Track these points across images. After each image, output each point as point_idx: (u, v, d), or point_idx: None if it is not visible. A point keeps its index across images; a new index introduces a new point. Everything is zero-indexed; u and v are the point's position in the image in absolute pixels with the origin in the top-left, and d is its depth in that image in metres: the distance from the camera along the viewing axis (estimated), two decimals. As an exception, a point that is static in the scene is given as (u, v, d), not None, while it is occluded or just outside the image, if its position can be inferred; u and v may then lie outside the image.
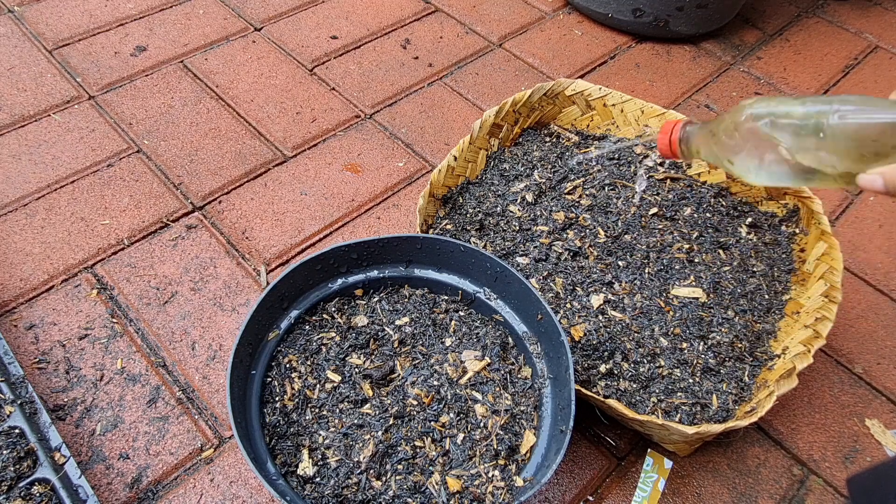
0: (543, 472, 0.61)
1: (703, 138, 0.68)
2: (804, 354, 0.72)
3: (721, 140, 0.64)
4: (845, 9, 1.46)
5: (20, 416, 0.70)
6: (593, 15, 1.35)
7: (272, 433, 0.67)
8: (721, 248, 0.89)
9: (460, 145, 0.91)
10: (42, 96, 1.12)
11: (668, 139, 0.72)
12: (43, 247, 0.92)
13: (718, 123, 0.65)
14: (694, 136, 0.70)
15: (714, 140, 0.65)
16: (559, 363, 0.69)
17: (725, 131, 0.63)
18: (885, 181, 0.50)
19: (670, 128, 0.72)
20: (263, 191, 1.02)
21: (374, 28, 1.31)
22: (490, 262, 0.75)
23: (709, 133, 0.67)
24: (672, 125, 0.72)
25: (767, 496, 0.75)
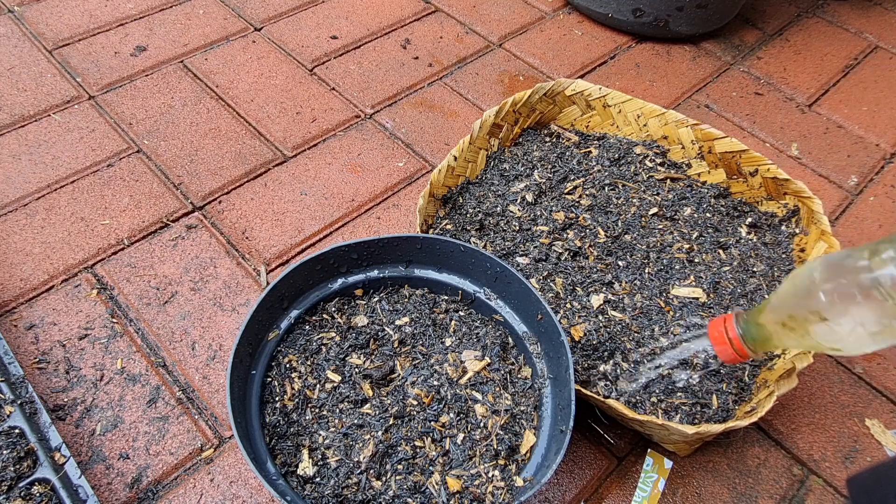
0: (543, 472, 0.61)
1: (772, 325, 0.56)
2: (804, 354, 0.72)
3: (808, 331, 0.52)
4: (845, 9, 1.46)
5: (20, 416, 0.70)
6: (593, 15, 1.35)
7: (272, 433, 0.67)
8: (721, 248, 0.89)
9: (460, 145, 0.91)
10: (42, 96, 1.12)
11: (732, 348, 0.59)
12: (43, 247, 0.92)
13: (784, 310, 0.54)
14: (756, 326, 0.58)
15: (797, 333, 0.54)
16: (559, 363, 0.69)
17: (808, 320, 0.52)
18: None
19: (724, 333, 0.60)
20: (263, 191, 1.02)
21: (374, 28, 1.31)
22: (490, 262, 0.75)
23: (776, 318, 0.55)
24: (720, 325, 0.60)
25: (767, 496, 0.75)
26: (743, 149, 0.92)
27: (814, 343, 0.53)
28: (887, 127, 1.20)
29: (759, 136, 1.17)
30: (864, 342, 0.50)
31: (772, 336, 0.57)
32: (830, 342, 0.52)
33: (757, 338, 0.59)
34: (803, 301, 0.52)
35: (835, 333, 0.51)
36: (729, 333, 0.60)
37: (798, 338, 0.54)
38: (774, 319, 0.56)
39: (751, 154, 0.92)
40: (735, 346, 0.59)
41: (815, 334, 0.52)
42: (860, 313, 0.49)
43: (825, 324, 0.51)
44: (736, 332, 0.60)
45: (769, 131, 1.18)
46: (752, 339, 0.59)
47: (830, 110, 1.22)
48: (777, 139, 1.16)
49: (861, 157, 1.14)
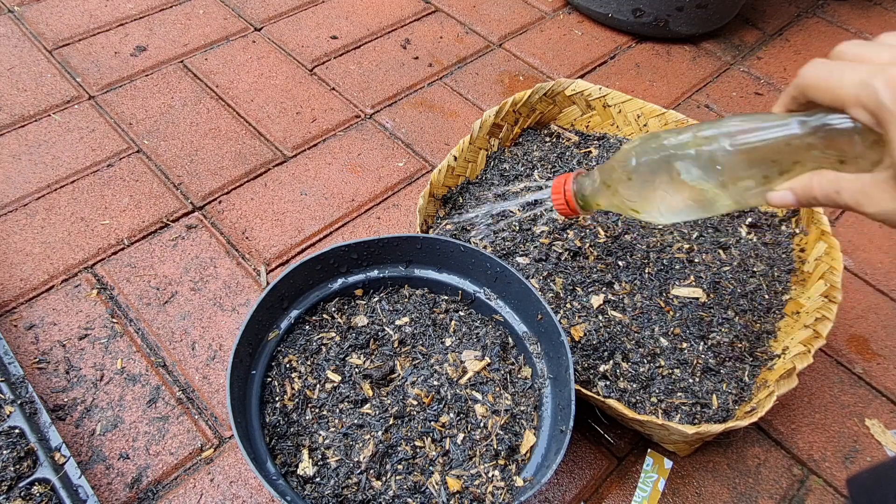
0: (543, 472, 0.61)
1: (599, 189, 0.63)
2: (804, 354, 0.72)
3: (617, 189, 0.60)
4: (845, 9, 1.46)
5: (20, 416, 0.70)
6: (593, 15, 1.35)
7: (272, 433, 0.67)
8: (721, 248, 0.89)
9: (460, 145, 0.91)
10: (42, 96, 1.12)
11: (564, 198, 0.67)
12: (43, 247, 0.92)
13: (609, 172, 0.60)
14: (588, 189, 0.65)
15: (610, 190, 0.61)
16: (559, 363, 0.69)
17: (619, 180, 0.59)
18: (795, 196, 0.49)
19: (562, 185, 0.67)
20: (263, 191, 1.02)
21: (374, 28, 1.31)
22: (490, 262, 0.75)
23: (602, 184, 0.63)
24: (563, 181, 0.67)
25: (767, 496, 0.75)
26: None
27: (619, 201, 0.60)
28: (887, 127, 1.19)
29: (759, 136, 1.17)
30: (659, 216, 0.57)
31: (595, 194, 0.64)
32: (631, 203, 0.59)
33: (586, 195, 0.66)
34: (621, 161, 0.58)
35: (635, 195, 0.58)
36: (566, 187, 0.67)
37: (610, 195, 0.61)
38: (600, 178, 0.63)
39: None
40: (567, 199, 0.67)
41: (622, 193, 0.59)
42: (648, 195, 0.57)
43: (630, 183, 0.58)
44: (571, 188, 0.67)
45: (769, 131, 1.18)
46: (581, 196, 0.66)
47: (830, 110, 1.22)
48: (777, 139, 1.16)
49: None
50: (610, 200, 0.62)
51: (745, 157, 0.49)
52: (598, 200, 0.64)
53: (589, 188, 0.65)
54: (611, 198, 0.62)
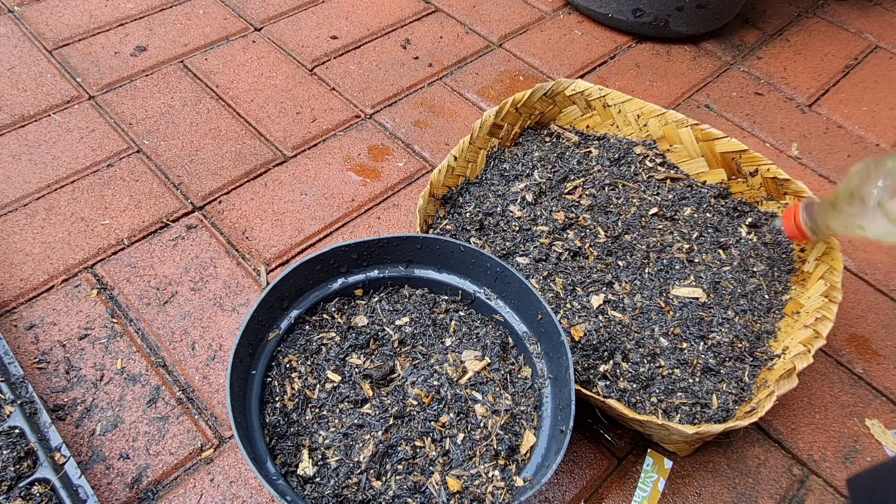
0: (543, 472, 0.61)
1: (825, 212, 0.70)
2: (804, 354, 0.72)
3: (843, 209, 0.66)
4: (845, 9, 1.46)
5: (20, 416, 0.70)
6: (593, 15, 1.35)
7: (272, 433, 0.67)
8: (721, 248, 0.89)
9: (460, 145, 0.91)
10: (42, 96, 1.12)
11: (794, 223, 0.76)
12: (43, 247, 0.92)
13: (836, 195, 0.67)
14: (816, 214, 0.72)
15: (836, 211, 0.67)
16: (559, 363, 0.69)
17: (845, 200, 0.65)
18: None
19: (792, 213, 0.76)
20: (263, 191, 1.02)
21: (374, 28, 1.31)
22: (490, 262, 0.75)
23: (829, 206, 0.69)
24: (793, 210, 0.76)
25: (767, 496, 0.75)
26: (743, 149, 0.92)
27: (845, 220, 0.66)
28: (887, 127, 1.20)
29: (759, 136, 1.17)
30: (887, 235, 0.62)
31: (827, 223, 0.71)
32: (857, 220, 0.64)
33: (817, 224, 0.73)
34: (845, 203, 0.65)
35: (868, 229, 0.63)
36: (797, 220, 0.75)
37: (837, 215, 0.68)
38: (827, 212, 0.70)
39: (751, 154, 0.92)
40: (797, 224, 0.76)
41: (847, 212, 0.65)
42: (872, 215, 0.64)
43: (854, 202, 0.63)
44: (802, 218, 0.74)
45: (769, 131, 1.18)
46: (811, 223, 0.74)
47: (830, 110, 1.22)
48: (777, 139, 1.16)
49: (861, 157, 1.14)
50: (836, 220, 0.69)
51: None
52: (825, 221, 0.72)
53: (815, 209, 0.73)
54: (837, 217, 0.68)
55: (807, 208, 0.75)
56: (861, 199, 0.63)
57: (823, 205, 0.72)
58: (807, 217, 0.75)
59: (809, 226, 0.75)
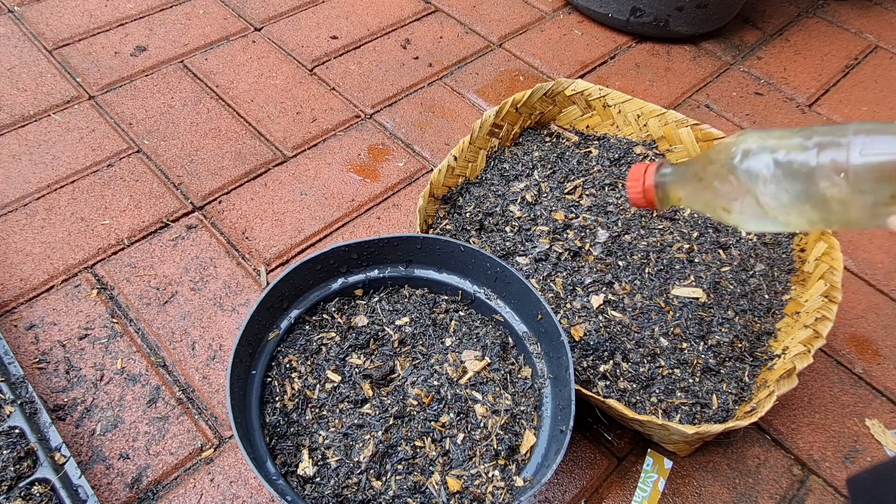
0: (543, 472, 0.61)
1: (686, 183, 0.58)
2: (804, 354, 0.72)
3: (711, 185, 0.54)
4: (845, 9, 1.46)
5: (20, 416, 0.70)
6: (593, 15, 1.35)
7: (272, 433, 0.67)
8: (721, 248, 0.89)
9: (460, 145, 0.91)
10: (42, 96, 1.12)
11: (642, 187, 0.60)
12: (43, 247, 0.92)
13: (704, 165, 0.55)
14: (673, 182, 0.59)
15: (702, 185, 0.55)
16: (559, 363, 0.69)
17: (716, 175, 0.53)
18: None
19: (641, 173, 0.61)
20: (263, 191, 1.02)
21: (374, 28, 1.31)
22: (490, 262, 0.75)
23: (692, 177, 0.57)
24: (643, 169, 0.61)
25: (767, 496, 0.75)
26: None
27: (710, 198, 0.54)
28: (887, 127, 1.19)
29: (759, 136, 1.17)
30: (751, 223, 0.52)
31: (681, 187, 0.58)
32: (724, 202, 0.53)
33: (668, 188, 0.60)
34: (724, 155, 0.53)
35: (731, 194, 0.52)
36: (646, 182, 0.60)
37: (701, 190, 0.55)
38: (691, 170, 0.57)
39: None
40: (646, 188, 0.61)
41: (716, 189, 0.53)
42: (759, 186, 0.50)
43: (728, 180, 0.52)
44: (652, 178, 0.60)
45: (769, 131, 1.18)
46: (662, 188, 0.60)
47: (830, 110, 1.22)
48: (777, 139, 1.16)
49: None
50: (697, 196, 0.57)
51: (875, 171, 0.44)
52: (684, 195, 0.59)
53: (674, 180, 0.59)
54: (701, 192, 0.56)
55: (661, 172, 0.60)
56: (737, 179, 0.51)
57: (685, 174, 0.58)
58: (660, 182, 0.60)
59: (659, 193, 0.60)
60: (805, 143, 0.48)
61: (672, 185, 0.60)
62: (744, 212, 0.52)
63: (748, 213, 0.52)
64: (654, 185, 0.60)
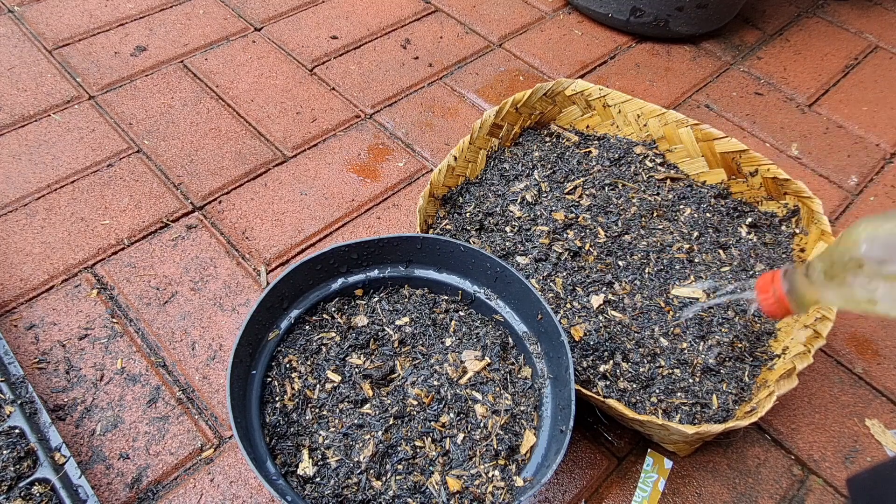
0: (543, 472, 0.61)
1: (820, 285, 0.57)
2: (804, 354, 0.72)
3: (845, 282, 0.54)
4: (845, 9, 1.46)
5: (20, 416, 0.70)
6: (593, 15, 1.35)
7: (272, 433, 0.67)
8: (721, 248, 0.89)
9: (460, 145, 0.91)
10: (42, 96, 1.12)
11: (773, 297, 0.61)
12: (43, 247, 0.92)
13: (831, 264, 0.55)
14: (806, 285, 0.59)
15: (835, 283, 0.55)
16: (559, 363, 0.69)
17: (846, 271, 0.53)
18: None
19: (769, 282, 0.62)
20: (263, 191, 1.02)
21: (374, 28, 1.31)
22: (490, 262, 0.75)
23: (824, 277, 0.56)
24: (769, 279, 0.62)
25: (767, 496, 0.75)
26: (743, 149, 0.92)
27: (848, 293, 0.54)
28: (887, 127, 1.20)
29: (759, 136, 1.17)
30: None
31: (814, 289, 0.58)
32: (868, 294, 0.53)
33: (801, 297, 0.60)
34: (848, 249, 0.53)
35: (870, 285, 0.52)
36: (775, 286, 0.61)
37: (836, 287, 0.55)
38: (820, 269, 0.57)
39: (751, 154, 0.92)
40: (779, 298, 0.61)
41: (852, 284, 0.54)
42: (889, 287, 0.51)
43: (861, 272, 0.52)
44: (782, 286, 0.61)
45: (769, 131, 1.18)
46: (795, 293, 0.60)
47: (830, 110, 1.22)
48: (777, 139, 1.16)
49: (861, 157, 1.14)
50: (838, 294, 0.56)
51: None
52: (820, 296, 0.58)
53: (807, 283, 0.59)
54: (838, 290, 0.55)
55: (788, 278, 0.61)
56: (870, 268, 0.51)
57: (814, 275, 0.58)
58: (790, 290, 0.61)
59: (794, 300, 0.61)
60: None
61: (804, 288, 0.59)
62: (888, 299, 0.52)
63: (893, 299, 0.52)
64: (785, 293, 0.61)
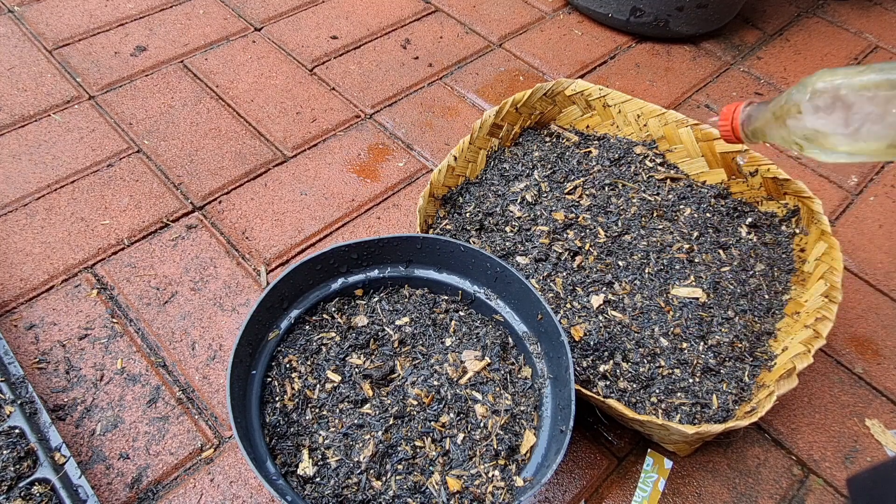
0: (543, 472, 0.61)
1: (767, 121, 0.65)
2: (804, 354, 0.72)
3: (787, 122, 0.61)
4: (845, 9, 1.46)
5: (20, 416, 0.70)
6: (593, 15, 1.35)
7: (272, 433, 0.67)
8: (721, 248, 0.89)
9: (460, 145, 0.91)
10: (42, 96, 1.12)
11: (731, 125, 0.70)
12: (43, 247, 0.92)
13: (780, 103, 0.62)
14: (756, 118, 0.67)
15: (778, 122, 0.63)
16: (559, 363, 0.69)
17: (790, 112, 0.60)
18: None
19: (731, 112, 0.71)
20: (263, 191, 1.02)
21: (374, 28, 1.31)
22: (490, 262, 0.75)
23: (771, 115, 0.64)
24: (732, 109, 0.71)
25: (767, 496, 0.75)
26: (743, 149, 0.92)
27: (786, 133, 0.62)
28: (887, 127, 1.19)
29: (759, 136, 1.17)
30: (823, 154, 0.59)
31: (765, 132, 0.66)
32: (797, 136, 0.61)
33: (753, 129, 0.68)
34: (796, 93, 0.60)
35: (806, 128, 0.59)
36: (734, 120, 0.70)
37: (777, 127, 0.63)
38: (768, 121, 0.65)
39: (751, 154, 0.92)
40: (734, 126, 0.70)
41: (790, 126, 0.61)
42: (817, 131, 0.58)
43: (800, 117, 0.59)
44: (740, 116, 0.69)
45: (769, 131, 1.18)
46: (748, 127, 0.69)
47: (830, 110, 1.22)
48: (777, 139, 1.16)
49: (861, 157, 1.14)
50: (776, 131, 0.64)
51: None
52: (764, 129, 0.66)
53: (756, 114, 0.67)
54: (778, 129, 0.63)
55: (747, 110, 0.69)
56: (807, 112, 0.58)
57: (765, 112, 0.66)
58: (746, 119, 0.69)
59: (746, 130, 0.70)
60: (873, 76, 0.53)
61: (755, 121, 0.67)
62: (815, 143, 0.59)
63: (820, 145, 0.59)
64: (741, 122, 0.69)
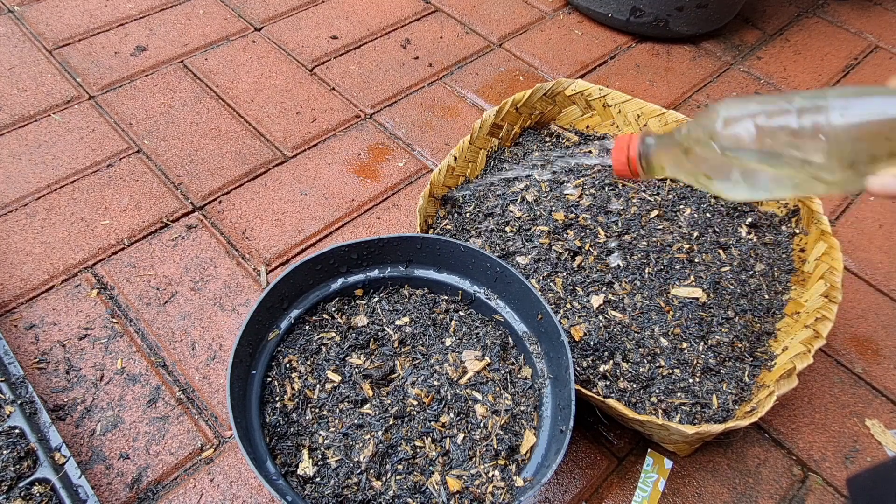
0: (543, 472, 0.61)
1: (669, 153, 0.58)
2: (804, 354, 0.72)
3: (693, 153, 0.54)
4: (845, 9, 1.46)
5: (20, 416, 0.70)
6: (593, 15, 1.35)
7: (272, 433, 0.67)
8: (721, 248, 0.89)
9: (460, 145, 0.91)
10: (42, 96, 1.12)
11: (626, 157, 0.61)
12: (43, 247, 0.92)
13: (687, 133, 0.56)
14: (656, 150, 0.60)
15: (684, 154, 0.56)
16: (559, 363, 0.69)
17: (697, 142, 0.54)
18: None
19: (626, 143, 0.62)
20: (263, 191, 1.02)
21: (374, 28, 1.31)
22: (490, 262, 0.75)
23: (675, 146, 0.57)
24: (627, 140, 0.62)
25: (767, 496, 0.75)
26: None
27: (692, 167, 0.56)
28: (887, 127, 1.19)
29: (759, 136, 1.17)
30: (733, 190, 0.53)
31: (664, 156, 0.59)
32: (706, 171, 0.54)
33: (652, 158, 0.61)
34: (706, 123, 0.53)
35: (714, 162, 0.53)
36: (630, 151, 0.61)
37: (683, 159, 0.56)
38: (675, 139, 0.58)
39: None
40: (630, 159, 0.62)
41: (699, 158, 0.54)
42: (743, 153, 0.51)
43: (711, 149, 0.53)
44: (636, 149, 0.61)
45: (769, 131, 1.18)
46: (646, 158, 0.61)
47: (830, 110, 1.22)
48: (777, 139, 1.16)
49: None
50: (682, 165, 0.57)
51: (855, 132, 0.45)
52: (667, 164, 0.59)
53: (658, 149, 0.60)
54: (684, 161, 0.57)
55: (645, 142, 0.61)
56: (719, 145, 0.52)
57: (668, 142, 0.59)
58: (644, 152, 0.61)
59: (643, 164, 0.61)
60: (786, 107, 0.49)
61: (656, 154, 0.60)
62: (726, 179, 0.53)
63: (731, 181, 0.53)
64: (637, 154, 0.61)
